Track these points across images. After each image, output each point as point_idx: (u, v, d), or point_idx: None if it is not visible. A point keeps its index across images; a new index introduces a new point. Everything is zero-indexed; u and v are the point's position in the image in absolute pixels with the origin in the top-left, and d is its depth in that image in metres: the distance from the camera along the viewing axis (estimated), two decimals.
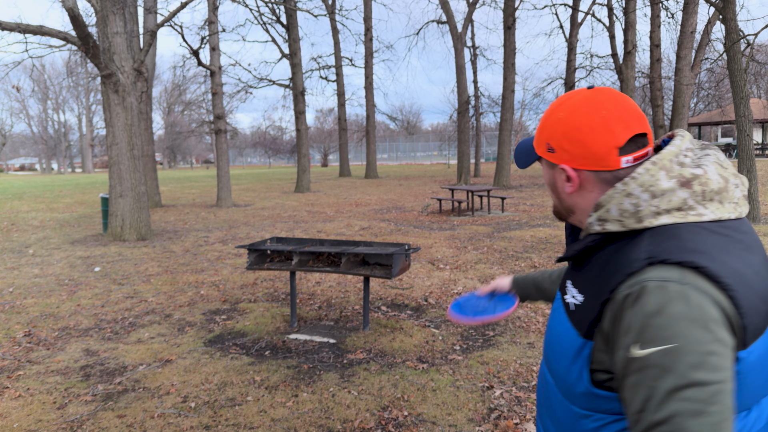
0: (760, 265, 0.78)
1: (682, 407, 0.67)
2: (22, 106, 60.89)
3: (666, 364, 0.68)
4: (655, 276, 0.72)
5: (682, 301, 0.70)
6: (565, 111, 0.86)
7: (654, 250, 0.75)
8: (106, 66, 8.66)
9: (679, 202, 0.77)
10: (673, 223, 0.77)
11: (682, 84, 16.09)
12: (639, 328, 0.71)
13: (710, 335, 0.69)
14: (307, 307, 4.97)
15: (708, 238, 0.75)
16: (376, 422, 2.83)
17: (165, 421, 2.89)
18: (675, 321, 0.69)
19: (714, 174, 0.79)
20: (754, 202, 8.76)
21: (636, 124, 0.83)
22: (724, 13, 8.64)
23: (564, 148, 0.86)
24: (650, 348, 0.69)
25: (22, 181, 35.48)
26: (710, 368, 0.68)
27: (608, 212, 0.81)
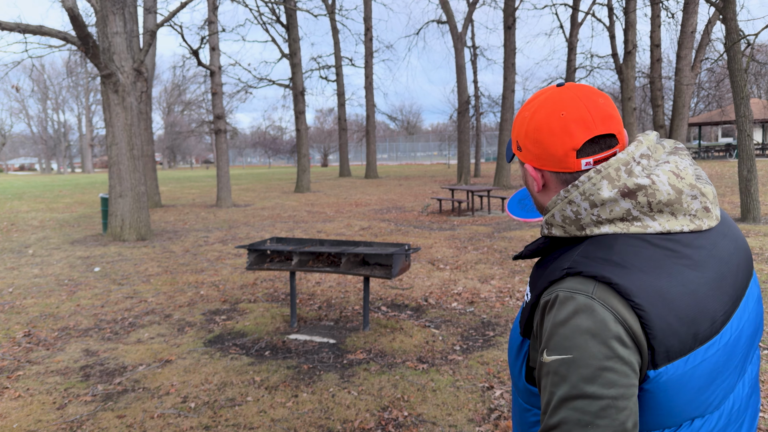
0: (702, 284, 0.74)
1: (572, 416, 0.69)
2: (21, 106, 60.90)
3: (562, 372, 0.71)
4: (568, 287, 0.74)
5: (587, 314, 0.71)
6: (530, 110, 0.84)
7: (577, 260, 0.76)
8: (106, 66, 8.66)
9: (621, 213, 0.76)
10: (613, 233, 0.76)
11: (683, 84, 16.09)
12: (548, 335, 0.74)
13: (608, 351, 0.69)
14: (307, 307, 4.97)
15: (643, 251, 0.74)
16: (376, 422, 2.83)
17: (165, 422, 2.88)
18: (576, 333, 0.70)
19: (664, 185, 0.76)
20: (754, 202, 8.75)
21: (600, 124, 0.79)
22: (725, 13, 8.64)
23: (527, 148, 0.85)
24: (553, 356, 0.72)
25: (21, 181, 35.48)
26: (603, 383, 0.69)
27: (553, 217, 0.81)
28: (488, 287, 5.48)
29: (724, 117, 26.61)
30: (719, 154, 30.58)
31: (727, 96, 31.66)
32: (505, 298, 5.07)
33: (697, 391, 0.74)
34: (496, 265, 6.49)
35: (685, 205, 0.76)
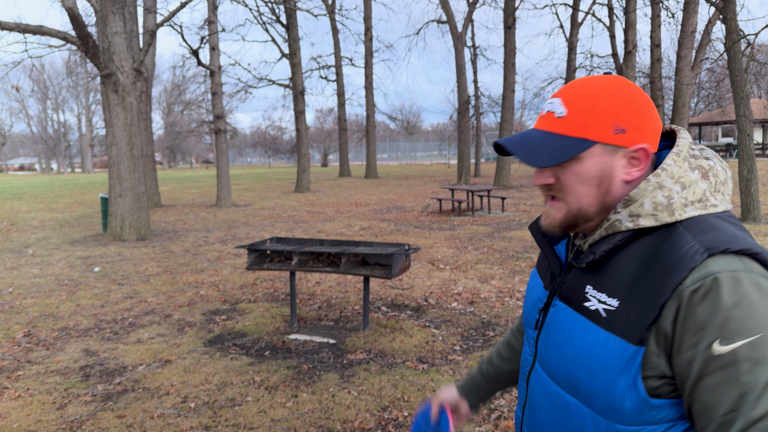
0: None
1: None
2: (21, 105, 60.89)
3: (757, 356, 0.64)
4: (722, 267, 0.68)
5: (757, 289, 0.67)
6: (627, 89, 0.78)
7: (706, 241, 0.70)
8: (106, 66, 8.66)
9: (700, 194, 0.76)
10: (699, 215, 0.75)
11: (683, 84, 16.09)
12: (719, 324, 0.66)
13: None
14: (307, 307, 4.97)
15: (730, 227, 0.74)
16: (376, 423, 2.83)
17: (165, 422, 2.88)
18: (756, 311, 0.65)
19: (719, 166, 0.79)
20: (754, 202, 8.75)
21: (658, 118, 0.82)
22: (725, 12, 8.64)
23: (639, 126, 0.77)
24: (735, 342, 0.65)
25: (21, 181, 35.46)
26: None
27: (642, 207, 0.75)
28: (488, 287, 5.48)
29: (724, 117, 26.61)
30: (719, 154, 30.59)
31: (727, 96, 31.65)
32: (505, 298, 5.07)
33: None
34: (496, 265, 6.49)
35: (728, 185, 0.80)
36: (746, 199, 8.80)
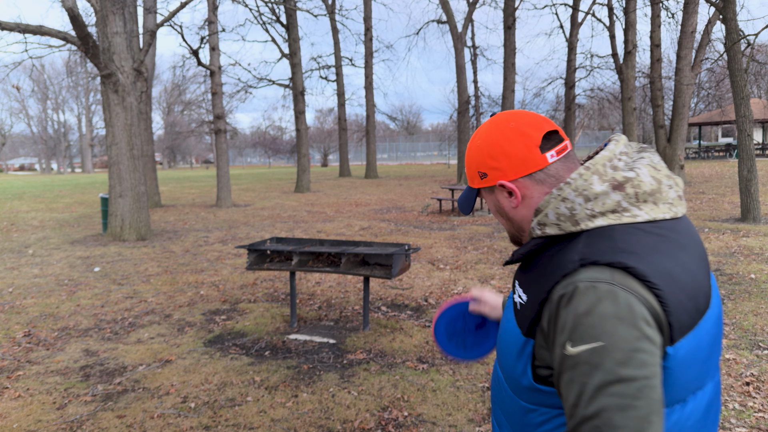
0: (692, 263, 0.80)
1: (610, 402, 0.69)
2: (21, 106, 60.88)
3: (594, 361, 0.71)
4: (586, 277, 0.75)
5: (611, 300, 0.72)
6: (480, 138, 0.91)
7: (587, 251, 0.77)
8: (106, 66, 8.66)
9: (613, 205, 0.80)
10: (608, 225, 0.79)
11: (683, 84, 16.09)
12: (571, 327, 0.74)
13: (637, 332, 0.71)
14: (307, 307, 4.97)
15: (641, 238, 0.78)
16: (376, 423, 2.83)
17: (165, 422, 2.88)
18: (604, 320, 0.72)
19: (647, 176, 0.81)
20: (754, 202, 8.75)
21: (543, 124, 0.88)
22: (725, 13, 8.64)
23: (493, 167, 0.89)
24: (581, 346, 0.72)
25: (21, 181, 35.47)
26: (636, 365, 0.70)
27: (546, 216, 0.84)
28: (488, 287, 5.49)
29: (724, 117, 26.60)
30: (719, 154, 30.57)
31: (727, 96, 31.63)
32: None
33: (702, 362, 0.79)
34: (496, 265, 6.49)
35: (665, 194, 0.82)
36: (746, 199, 8.80)
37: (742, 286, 5.09)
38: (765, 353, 3.53)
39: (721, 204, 11.31)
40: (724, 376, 3.22)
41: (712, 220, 9.18)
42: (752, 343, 3.71)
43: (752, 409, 2.82)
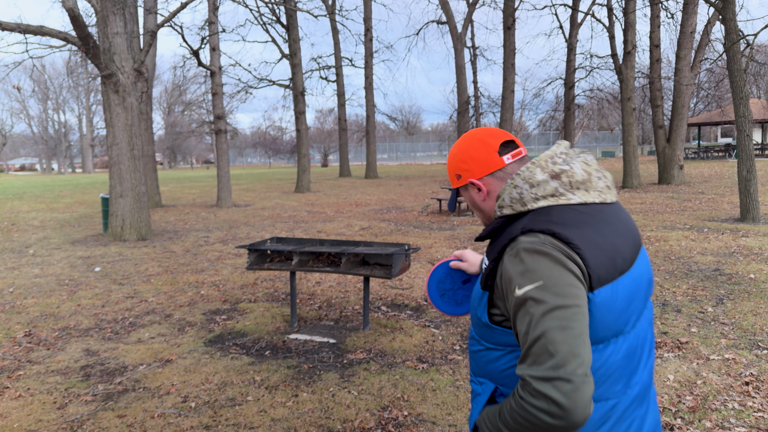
0: (614, 236, 1.02)
1: (552, 324, 0.90)
2: (22, 106, 60.90)
3: (537, 296, 0.93)
4: (525, 239, 0.99)
5: (544, 253, 0.96)
6: (455, 148, 1.20)
7: (528, 223, 1.02)
8: (107, 66, 8.67)
9: (551, 190, 1.04)
10: (548, 206, 1.03)
11: (682, 84, 16.09)
12: (517, 275, 0.96)
13: (568, 273, 0.94)
14: (307, 307, 4.98)
15: (572, 215, 1.01)
16: (376, 422, 2.84)
17: (165, 421, 2.89)
18: (541, 266, 0.95)
19: (579, 169, 1.06)
20: (753, 202, 8.76)
21: (501, 135, 1.15)
22: (724, 13, 8.65)
23: (464, 169, 1.17)
24: (526, 287, 0.94)
25: (22, 181, 35.48)
26: (570, 296, 0.92)
27: (503, 201, 1.08)
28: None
29: (723, 117, 26.60)
30: (718, 154, 30.57)
31: (726, 96, 31.62)
32: None
33: (620, 310, 1.00)
34: None
35: (595, 183, 1.06)
36: (745, 199, 8.81)
37: (741, 286, 5.10)
38: (764, 353, 3.54)
39: (720, 204, 11.31)
40: (724, 375, 3.24)
41: (712, 220, 9.18)
42: (751, 342, 3.72)
43: (752, 408, 2.83)
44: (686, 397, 2.97)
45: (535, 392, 0.89)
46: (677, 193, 13.80)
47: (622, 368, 1.02)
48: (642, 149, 45.60)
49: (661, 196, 13.33)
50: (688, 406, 2.87)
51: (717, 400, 2.93)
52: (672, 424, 2.69)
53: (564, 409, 0.86)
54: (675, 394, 3.01)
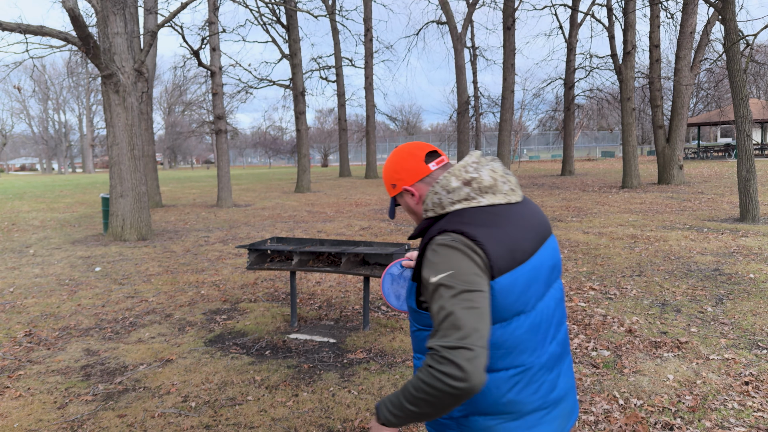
0: (516, 232, 1.20)
1: (459, 304, 1.07)
2: (22, 106, 60.91)
3: (448, 282, 1.10)
4: (440, 238, 1.17)
5: (454, 248, 1.14)
6: (387, 162, 1.39)
7: (444, 224, 1.19)
8: (107, 66, 8.68)
9: (464, 195, 1.22)
10: (463, 208, 1.21)
11: (682, 84, 16.10)
12: (432, 266, 1.14)
13: (474, 264, 1.12)
14: (308, 306, 4.98)
15: (480, 215, 1.19)
16: None
17: (165, 421, 2.90)
18: (451, 259, 1.13)
19: (486, 176, 1.24)
20: (753, 202, 8.76)
21: (426, 147, 1.34)
22: (724, 13, 8.65)
23: (398, 178, 1.35)
24: (439, 275, 1.12)
25: (22, 181, 35.50)
26: (475, 283, 1.10)
27: (427, 205, 1.26)
28: None
29: (723, 117, 26.61)
30: (718, 154, 30.57)
31: (726, 96, 31.61)
32: None
33: (519, 294, 1.18)
34: None
35: (500, 187, 1.24)
36: (745, 199, 8.81)
37: (741, 286, 5.10)
38: (764, 353, 3.54)
39: (720, 204, 11.32)
40: (723, 375, 3.24)
41: (711, 220, 9.19)
42: (751, 342, 3.73)
43: (751, 408, 2.83)
44: (686, 397, 2.98)
45: (442, 359, 1.04)
46: (677, 193, 13.80)
47: (527, 341, 1.20)
48: (642, 149, 45.61)
49: (660, 196, 13.33)
50: (688, 406, 2.88)
51: (717, 400, 2.93)
52: (672, 424, 2.70)
53: (466, 372, 1.02)
54: (675, 394, 3.02)
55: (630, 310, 4.57)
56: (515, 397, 1.19)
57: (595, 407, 2.90)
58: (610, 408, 2.89)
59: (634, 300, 4.84)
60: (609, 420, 2.76)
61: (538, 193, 15.97)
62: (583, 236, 8.15)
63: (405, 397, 1.10)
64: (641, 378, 3.24)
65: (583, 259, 6.60)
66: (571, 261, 6.51)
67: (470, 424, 1.20)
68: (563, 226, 9.30)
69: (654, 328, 4.10)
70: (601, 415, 2.82)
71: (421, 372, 1.08)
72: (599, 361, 3.52)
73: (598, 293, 5.10)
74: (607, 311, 4.55)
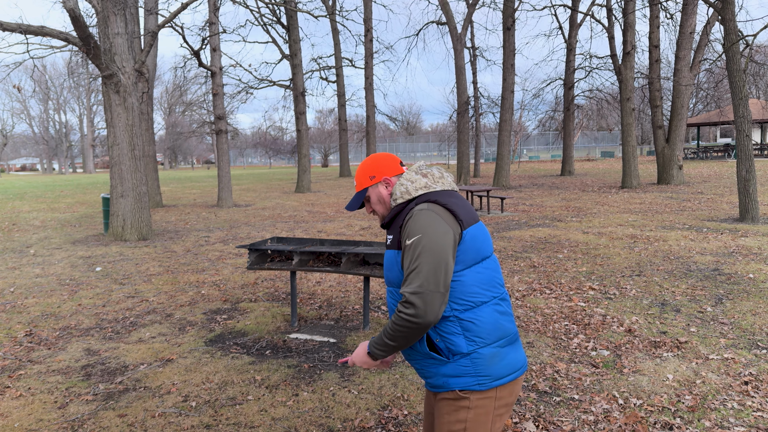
0: (466, 204, 1.58)
1: (424, 259, 1.41)
2: (23, 106, 60.93)
3: (421, 242, 1.43)
4: (417, 207, 1.52)
5: (426, 214, 1.48)
6: (368, 161, 1.70)
7: (417, 201, 1.56)
8: (107, 67, 8.68)
9: (424, 184, 1.59)
10: (424, 193, 1.58)
11: (681, 84, 16.10)
12: (408, 231, 1.47)
13: (444, 224, 1.46)
14: (308, 306, 4.99)
15: (440, 193, 1.57)
16: (376, 421, 2.85)
17: (166, 421, 2.90)
18: (425, 223, 1.46)
19: (436, 172, 1.64)
20: (752, 202, 8.77)
21: (397, 159, 1.72)
22: (723, 13, 8.66)
23: (379, 171, 1.67)
24: (413, 237, 1.45)
25: (23, 181, 35.51)
26: (441, 243, 1.43)
27: (396, 195, 1.61)
28: None
29: (722, 117, 26.61)
30: (717, 154, 30.57)
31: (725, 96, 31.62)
32: None
33: (482, 242, 1.54)
34: None
35: (446, 179, 1.64)
36: (744, 199, 8.82)
37: (740, 286, 5.11)
38: (763, 352, 3.55)
39: (719, 204, 11.32)
40: (723, 375, 3.25)
41: (711, 220, 9.20)
42: (751, 342, 3.73)
43: (751, 408, 2.84)
44: (685, 397, 2.98)
45: (406, 302, 1.40)
46: (676, 193, 13.81)
47: (495, 277, 1.56)
48: (641, 149, 45.60)
49: (660, 196, 13.33)
50: (688, 406, 2.88)
51: (716, 400, 2.94)
52: (671, 424, 2.71)
53: (420, 309, 1.38)
54: (674, 394, 3.02)
55: (629, 309, 4.57)
56: (502, 325, 1.53)
57: (594, 407, 2.90)
58: (609, 408, 2.90)
59: (634, 300, 4.85)
60: (608, 420, 2.77)
61: (537, 193, 15.97)
62: (583, 236, 8.15)
63: (385, 335, 1.47)
64: (641, 378, 3.24)
65: (582, 259, 6.61)
66: (570, 261, 6.52)
67: (480, 357, 1.47)
68: (563, 226, 9.30)
69: (653, 327, 4.10)
70: (600, 414, 2.83)
71: (394, 315, 1.44)
72: (599, 360, 3.52)
73: (598, 293, 5.11)
74: (607, 311, 4.55)
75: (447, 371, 1.50)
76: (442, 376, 1.51)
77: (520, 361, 1.57)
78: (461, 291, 1.47)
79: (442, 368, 1.50)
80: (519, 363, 1.56)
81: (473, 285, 1.48)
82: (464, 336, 1.47)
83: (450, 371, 1.49)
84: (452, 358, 1.48)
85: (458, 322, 1.47)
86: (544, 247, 7.46)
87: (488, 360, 1.48)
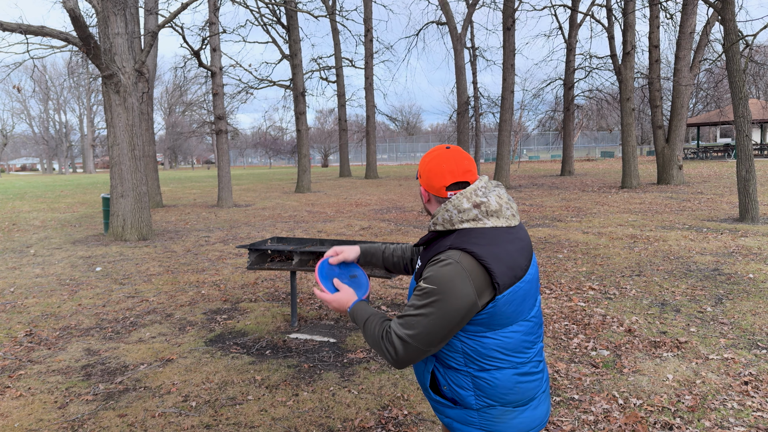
0: (515, 252, 1.36)
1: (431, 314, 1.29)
2: (23, 106, 60.93)
3: (427, 292, 1.30)
4: (447, 254, 1.33)
5: (454, 270, 1.29)
6: (429, 158, 1.46)
7: (454, 242, 1.34)
8: (108, 67, 8.69)
9: (473, 216, 1.36)
10: (470, 227, 1.36)
11: (681, 84, 16.10)
12: (429, 275, 1.32)
13: (463, 291, 1.28)
14: (308, 306, 4.99)
15: (486, 236, 1.35)
16: (376, 421, 2.85)
17: (166, 420, 2.90)
18: (447, 278, 1.29)
19: (494, 201, 1.39)
20: (752, 202, 8.77)
21: (460, 176, 1.41)
22: (723, 13, 8.66)
23: (423, 178, 1.46)
24: (426, 284, 1.31)
25: (23, 181, 35.52)
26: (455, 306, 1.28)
27: (437, 219, 1.40)
28: None
29: (722, 117, 26.61)
30: (717, 154, 30.57)
31: (725, 96, 31.62)
32: None
33: (519, 304, 1.36)
34: None
35: (504, 212, 1.39)
36: (744, 200, 8.82)
37: (740, 286, 5.11)
38: (763, 352, 3.55)
39: (719, 204, 11.32)
40: (723, 375, 3.25)
41: (711, 220, 9.20)
42: (750, 342, 3.73)
43: (751, 408, 2.84)
44: (685, 397, 2.99)
45: (392, 339, 1.34)
46: (676, 193, 13.81)
47: (524, 341, 1.40)
48: (641, 149, 45.60)
49: (660, 196, 13.34)
50: (687, 406, 2.88)
51: (716, 400, 2.94)
52: (671, 424, 2.71)
53: (400, 355, 1.33)
54: (674, 394, 3.02)
55: (629, 309, 4.57)
56: (520, 389, 1.40)
57: (594, 407, 2.90)
58: (609, 408, 2.90)
59: (634, 300, 4.85)
60: (608, 420, 2.77)
61: (537, 193, 15.97)
62: (583, 236, 8.16)
63: (365, 324, 1.43)
64: (641, 378, 3.24)
65: (582, 259, 6.61)
66: (570, 261, 6.52)
67: (489, 414, 1.39)
68: (563, 226, 9.31)
69: (653, 327, 4.10)
70: (600, 414, 2.83)
71: (380, 325, 1.40)
72: (599, 360, 3.52)
73: (598, 293, 5.11)
74: (607, 311, 4.56)
75: (452, 415, 1.43)
76: (446, 417, 1.45)
77: (537, 419, 1.43)
78: (479, 353, 1.35)
79: (447, 410, 1.44)
80: (535, 422, 1.43)
81: (494, 350, 1.35)
82: (475, 394, 1.38)
83: (455, 416, 1.42)
84: (458, 405, 1.41)
85: (471, 378, 1.37)
86: (544, 247, 7.46)
87: (498, 417, 1.39)
